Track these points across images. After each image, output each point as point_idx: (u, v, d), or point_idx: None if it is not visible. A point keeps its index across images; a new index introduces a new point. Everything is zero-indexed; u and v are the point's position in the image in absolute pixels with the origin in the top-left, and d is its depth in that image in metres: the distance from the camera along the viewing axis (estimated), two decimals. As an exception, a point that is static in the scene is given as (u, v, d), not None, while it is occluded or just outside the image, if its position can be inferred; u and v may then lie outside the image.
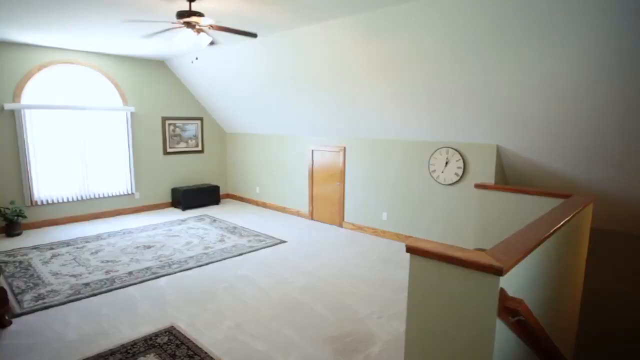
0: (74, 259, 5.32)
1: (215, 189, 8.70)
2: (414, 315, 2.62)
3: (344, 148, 6.74)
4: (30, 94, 6.63)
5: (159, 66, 8.00)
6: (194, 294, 4.31)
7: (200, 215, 7.74)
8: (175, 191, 8.33)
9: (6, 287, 4.47)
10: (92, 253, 5.54)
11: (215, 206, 8.63)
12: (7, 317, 3.72)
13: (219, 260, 5.28)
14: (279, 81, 6.49)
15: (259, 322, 3.75)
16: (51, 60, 6.72)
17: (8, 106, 6.37)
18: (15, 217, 6.36)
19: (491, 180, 5.18)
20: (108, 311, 3.93)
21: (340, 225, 6.96)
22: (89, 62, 7.10)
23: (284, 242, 6.10)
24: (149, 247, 5.80)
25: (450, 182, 5.53)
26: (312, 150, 7.28)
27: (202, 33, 4.29)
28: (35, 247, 5.80)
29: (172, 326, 3.63)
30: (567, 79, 3.83)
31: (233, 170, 9.32)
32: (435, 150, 5.63)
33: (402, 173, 6.05)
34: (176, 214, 7.87)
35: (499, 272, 2.16)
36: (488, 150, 5.16)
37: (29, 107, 6.56)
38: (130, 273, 4.83)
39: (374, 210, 6.47)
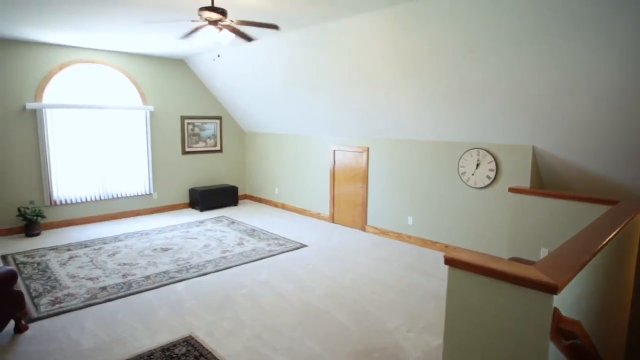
0: (91, 260, 5.22)
1: (234, 189, 8.55)
2: (453, 332, 2.39)
3: (367, 149, 6.50)
4: (51, 93, 6.58)
5: (178, 65, 7.90)
6: (212, 301, 4.14)
7: (218, 217, 7.60)
8: (193, 192, 8.22)
9: (23, 289, 4.38)
10: (109, 255, 5.43)
11: (234, 207, 8.49)
12: (23, 322, 3.61)
13: (238, 265, 5.10)
14: (300, 79, 6.30)
15: (280, 331, 3.55)
16: (72, 59, 6.66)
17: (30, 105, 6.34)
18: (35, 217, 6.32)
19: (526, 184, 4.88)
20: (125, 317, 3.79)
21: (363, 229, 6.72)
22: (109, 61, 7.03)
23: (305, 246, 5.90)
24: (167, 249, 5.67)
25: (482, 185, 5.24)
26: (334, 151, 7.06)
27: (224, 30, 4.12)
28: (53, 248, 5.73)
29: (191, 335, 3.46)
30: (610, 76, 3.53)
31: (252, 170, 9.17)
32: (465, 152, 5.35)
33: (429, 175, 5.78)
34: (194, 215, 7.75)
35: (553, 290, 1.92)
36: (523, 152, 4.86)
37: (50, 106, 6.51)
38: (147, 277, 4.69)
39: (399, 214, 6.21)
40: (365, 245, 5.97)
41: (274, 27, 4.18)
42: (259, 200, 9.00)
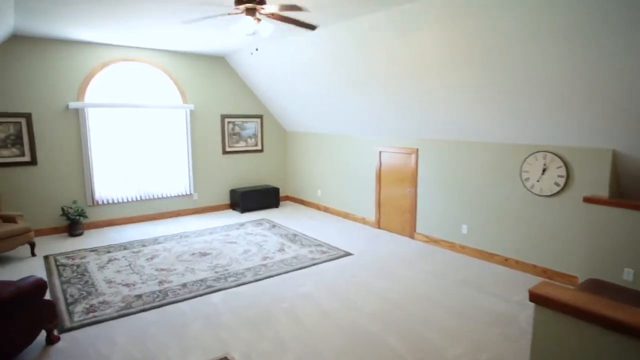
0: (129, 264, 5.08)
1: (275, 191, 8.28)
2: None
3: (417, 150, 6.00)
4: (92, 93, 6.55)
5: (219, 62, 7.71)
6: (250, 315, 3.83)
7: (259, 219, 7.34)
8: (233, 193, 8.02)
9: (60, 294, 4.27)
10: (147, 259, 5.28)
11: (275, 209, 8.22)
12: (55, 333, 3.45)
13: (279, 274, 4.78)
14: (345, 75, 5.89)
15: (324, 357, 3.18)
16: (113, 57, 6.60)
17: (72, 105, 6.32)
18: (77, 217, 6.30)
19: (604, 193, 4.24)
20: (157, 331, 3.55)
21: (411, 237, 6.23)
22: (150, 59, 6.93)
23: (349, 254, 5.50)
24: (205, 254, 5.45)
25: (549, 193, 4.64)
26: (380, 152, 6.61)
27: (263, 21, 3.79)
28: (94, 250, 5.66)
29: (226, 357, 3.16)
30: None
31: (293, 171, 8.87)
32: (530, 155, 4.75)
33: (487, 180, 5.22)
34: (234, 217, 7.54)
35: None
36: (601, 156, 4.22)
37: (91, 105, 6.48)
38: (184, 285, 4.47)
39: (452, 221, 5.68)
40: (415, 255, 5.49)
41: (299, 9, 3.75)
42: (301, 202, 8.69)
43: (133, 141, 6.95)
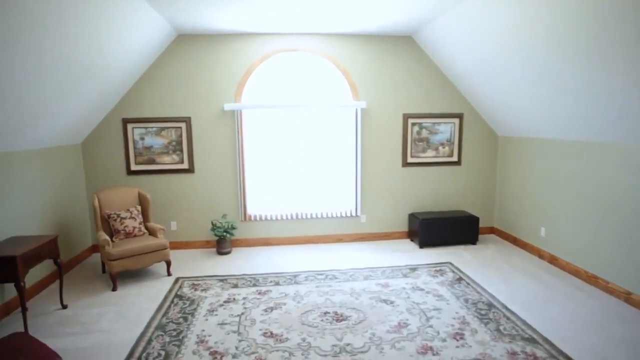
0: (239, 315, 3.78)
1: (473, 220, 5.83)
2: None
3: None
4: (248, 92, 5.64)
5: (403, 44, 5.78)
6: None
7: (441, 263, 5.11)
8: (412, 218, 5.98)
9: (139, 349, 3.23)
10: (266, 309, 3.88)
11: (470, 247, 5.78)
12: None
13: (437, 401, 2.61)
14: (601, 42, 3.15)
15: None
16: (273, 49, 5.52)
17: (228, 107, 5.52)
18: (224, 234, 5.47)
19: None
20: None
21: None
22: (314, 47, 5.57)
23: (593, 379, 2.82)
24: (341, 318, 3.68)
25: None
26: (675, 177, 3.49)
27: None
28: (223, 279, 4.65)
29: None
30: None
31: (504, 193, 6.16)
32: None
33: None
34: (408, 253, 5.51)
35: None
36: None
37: (247, 107, 5.56)
38: (278, 382, 2.81)
39: None
40: None
41: None
42: (513, 240, 5.93)
43: (291, 148, 5.78)
